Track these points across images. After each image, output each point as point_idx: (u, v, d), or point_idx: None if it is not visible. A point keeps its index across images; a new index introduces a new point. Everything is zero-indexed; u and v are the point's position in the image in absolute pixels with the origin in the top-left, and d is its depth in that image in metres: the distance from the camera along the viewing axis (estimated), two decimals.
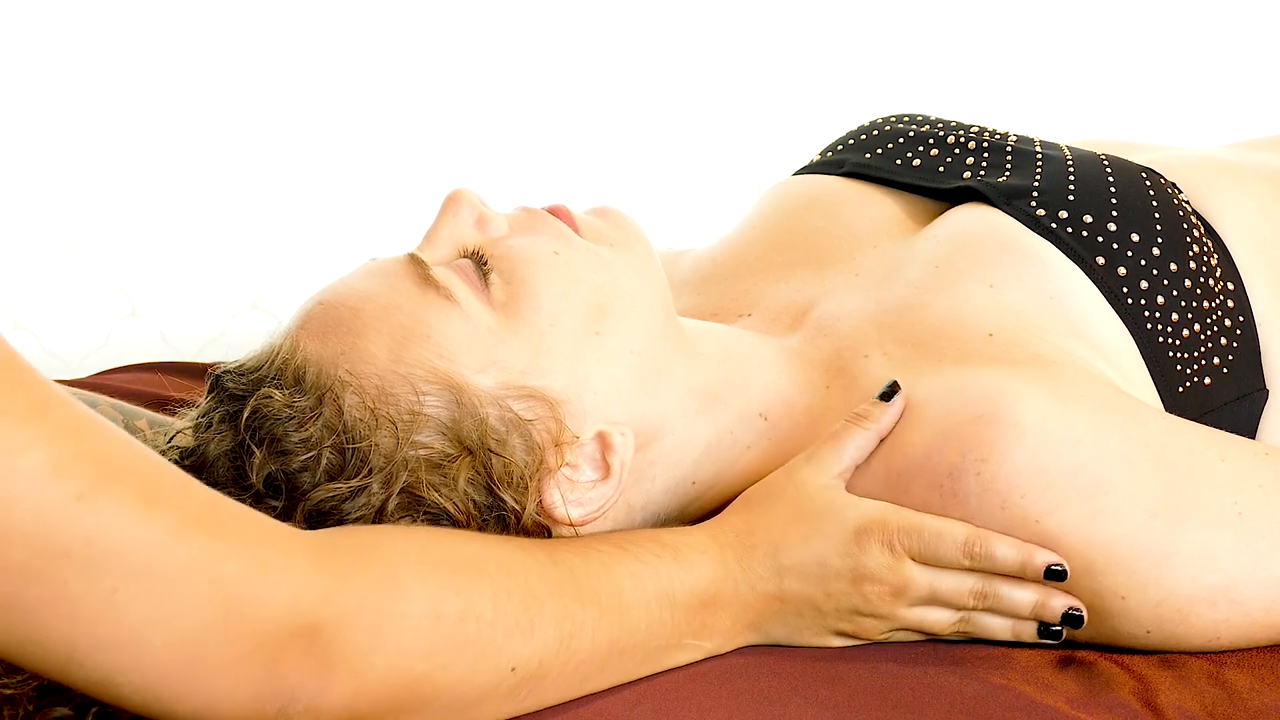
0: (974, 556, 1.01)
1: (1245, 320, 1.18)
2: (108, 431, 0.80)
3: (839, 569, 1.01)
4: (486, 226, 1.06)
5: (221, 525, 0.82)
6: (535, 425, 1.00)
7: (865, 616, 1.02)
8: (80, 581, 0.77)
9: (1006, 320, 1.12)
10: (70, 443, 0.77)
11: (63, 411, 0.78)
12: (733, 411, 1.10)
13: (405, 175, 2.42)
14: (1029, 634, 1.03)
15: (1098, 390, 1.07)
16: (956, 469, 1.02)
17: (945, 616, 1.02)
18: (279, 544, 0.85)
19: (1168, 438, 1.04)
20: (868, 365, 1.11)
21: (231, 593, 0.81)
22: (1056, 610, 1.01)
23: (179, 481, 0.83)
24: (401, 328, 0.99)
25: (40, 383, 0.78)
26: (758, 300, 1.22)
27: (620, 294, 1.05)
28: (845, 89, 2.52)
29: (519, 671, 0.92)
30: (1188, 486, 1.02)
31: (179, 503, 0.81)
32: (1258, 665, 1.02)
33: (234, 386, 1.00)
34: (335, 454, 0.97)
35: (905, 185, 1.28)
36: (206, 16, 2.35)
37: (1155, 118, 2.55)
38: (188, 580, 0.79)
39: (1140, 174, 1.22)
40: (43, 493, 0.75)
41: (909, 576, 1.01)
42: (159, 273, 2.36)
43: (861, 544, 1.01)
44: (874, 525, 1.01)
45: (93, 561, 0.77)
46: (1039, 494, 1.01)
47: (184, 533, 0.80)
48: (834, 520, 1.01)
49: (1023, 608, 1.02)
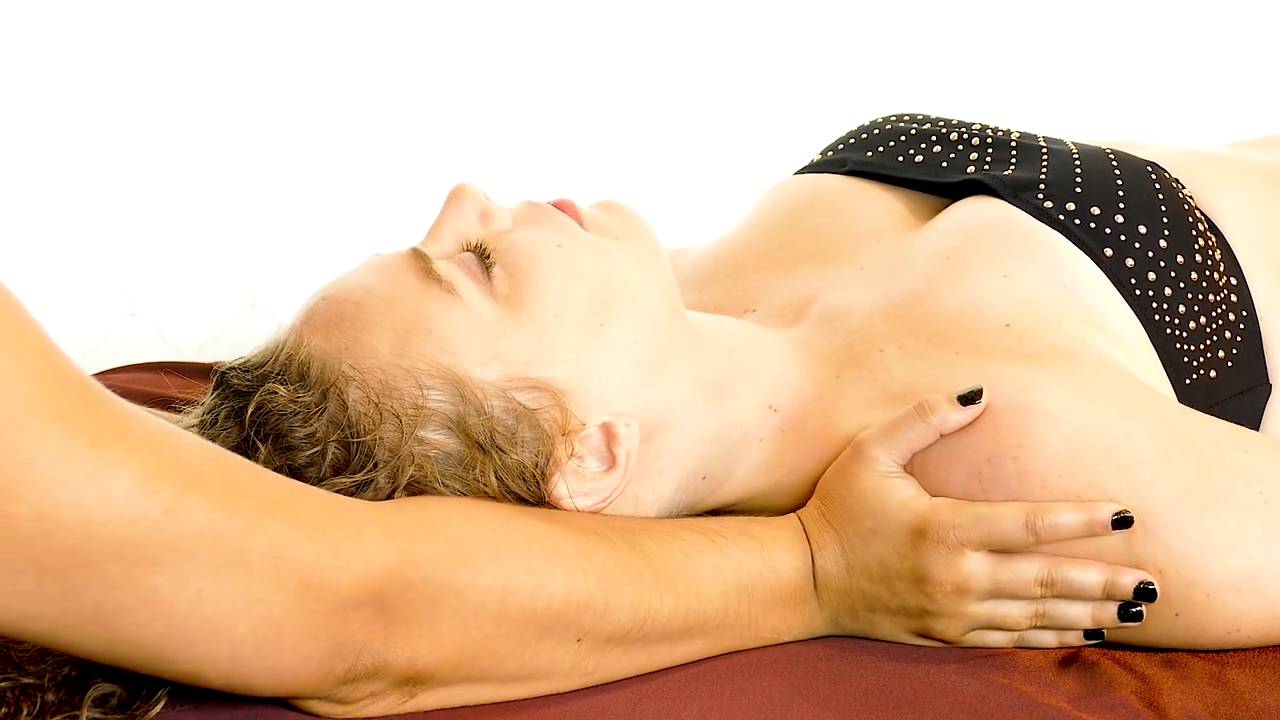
0: (1037, 530, 1.01)
1: (1248, 315, 1.19)
2: (179, 438, 0.83)
3: (899, 570, 1.01)
4: (490, 221, 1.06)
5: (295, 508, 0.86)
6: (541, 415, 1.00)
7: (935, 616, 1.02)
8: (169, 586, 0.81)
9: (1021, 311, 1.12)
10: (152, 457, 0.80)
11: (138, 427, 0.81)
12: (741, 404, 1.10)
13: (404, 175, 2.42)
14: (1110, 618, 1.02)
15: (1118, 382, 1.07)
16: (994, 455, 1.02)
17: (1018, 609, 1.02)
18: (350, 520, 0.88)
19: (1192, 428, 1.05)
20: (883, 358, 1.11)
21: (308, 573, 0.85)
22: (1128, 586, 1.01)
23: (249, 472, 0.86)
24: (404, 322, 1.00)
25: (111, 400, 0.81)
26: (761, 296, 1.22)
27: (625, 286, 1.05)
28: (845, 89, 2.52)
29: (584, 644, 0.95)
30: (1217, 473, 1.02)
31: (254, 493, 0.84)
32: (1260, 665, 1.02)
33: (239, 383, 1.00)
34: (340, 448, 0.97)
35: (908, 181, 1.28)
36: (206, 16, 2.35)
37: (1155, 118, 2.55)
38: (267, 567, 0.83)
39: (1146, 167, 1.22)
40: (134, 510, 0.79)
41: (969, 572, 1.01)
42: (158, 272, 2.36)
43: (917, 545, 1.01)
44: (929, 525, 1.01)
45: (181, 567, 0.80)
46: (1077, 472, 1.01)
47: (260, 522, 0.83)
48: (889, 520, 1.02)
49: (1092, 588, 1.01)
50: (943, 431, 1.04)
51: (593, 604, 0.95)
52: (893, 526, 1.02)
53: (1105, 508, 1.00)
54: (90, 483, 0.77)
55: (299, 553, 0.84)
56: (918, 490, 1.03)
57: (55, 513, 0.77)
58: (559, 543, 0.95)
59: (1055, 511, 1.00)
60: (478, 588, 0.91)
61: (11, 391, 0.76)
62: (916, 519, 1.01)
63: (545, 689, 0.96)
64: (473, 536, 0.92)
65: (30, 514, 0.76)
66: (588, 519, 1.00)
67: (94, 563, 0.78)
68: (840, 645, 1.04)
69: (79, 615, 0.80)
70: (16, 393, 0.76)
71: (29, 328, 0.78)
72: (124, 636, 0.81)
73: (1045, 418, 1.03)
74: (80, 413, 0.78)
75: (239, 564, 0.82)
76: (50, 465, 0.76)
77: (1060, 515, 1.00)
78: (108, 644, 0.81)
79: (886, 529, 1.02)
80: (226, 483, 0.83)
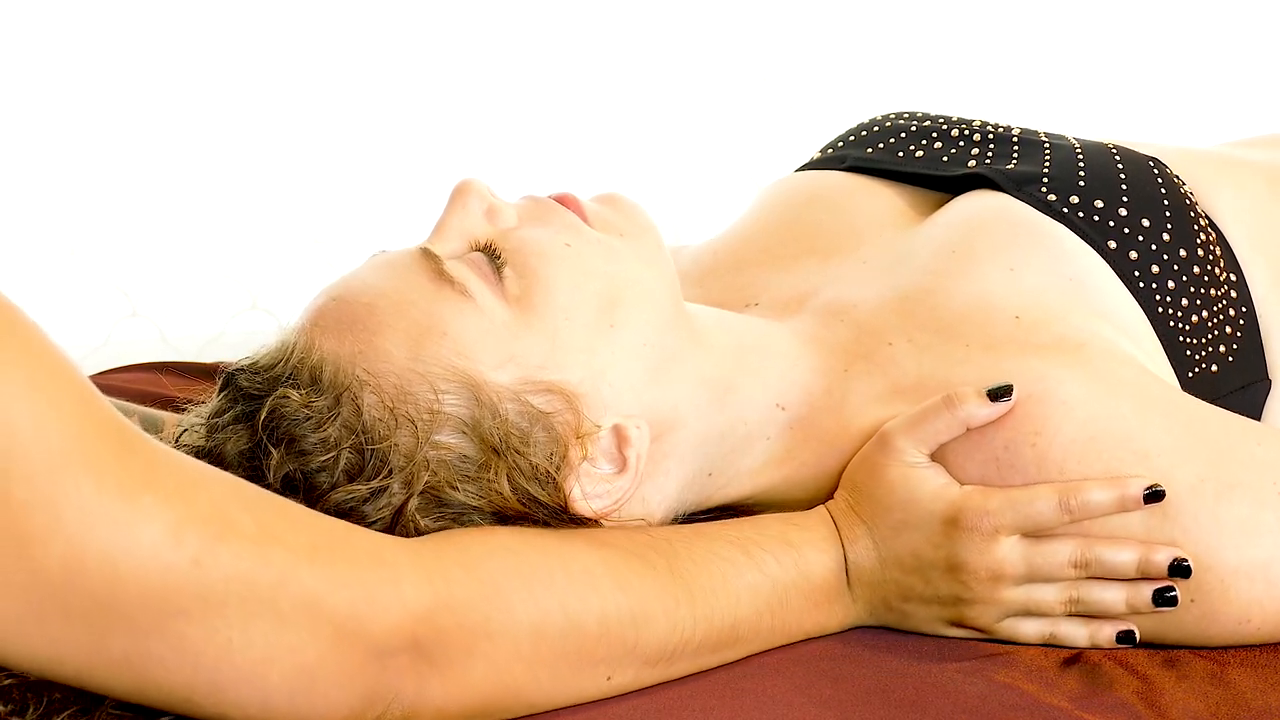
0: (1071, 508, 1.01)
1: (1247, 311, 1.19)
2: (214, 484, 0.84)
3: (933, 560, 1.01)
4: (496, 218, 1.05)
5: (331, 554, 0.86)
6: (554, 418, 1.00)
7: (970, 604, 1.02)
8: (198, 635, 0.81)
9: (1029, 303, 1.12)
10: (182, 506, 0.81)
11: (171, 474, 0.82)
12: (747, 402, 1.10)
13: (406, 174, 2.42)
14: (1144, 601, 1.02)
15: (1130, 373, 1.07)
16: (1011, 442, 1.03)
17: (1052, 593, 1.02)
18: (387, 564, 0.88)
19: (1205, 418, 1.05)
20: (892, 352, 1.11)
21: (343, 620, 0.85)
22: (1162, 562, 1.01)
23: (285, 517, 0.86)
24: (418, 325, 0.99)
25: (145, 446, 0.82)
26: (762, 290, 1.21)
27: (632, 285, 1.05)
28: (846, 88, 2.52)
29: (614, 681, 0.96)
30: (1230, 462, 1.02)
31: (288, 540, 0.84)
32: (1261, 665, 1.02)
33: (249, 385, 0.99)
34: (354, 454, 0.96)
35: (908, 176, 1.28)
36: (206, 16, 2.35)
37: (1154, 117, 2.55)
38: (300, 616, 0.84)
39: (1148, 162, 1.22)
40: (162, 560, 0.79)
41: (1003, 557, 1.01)
42: (159, 273, 2.36)
43: (950, 533, 1.01)
44: (961, 512, 1.01)
45: (209, 617, 0.81)
46: (1094, 459, 1.01)
47: (294, 571, 0.84)
48: (920, 511, 1.02)
49: (1127, 567, 1.01)
50: (969, 426, 1.04)
51: (624, 640, 0.95)
52: (924, 516, 1.02)
53: (1136, 482, 1.00)
54: (119, 532, 0.78)
55: (334, 601, 0.84)
56: (948, 479, 1.03)
57: (83, 561, 0.77)
58: (597, 579, 0.95)
59: (1087, 489, 1.01)
60: (512, 634, 0.91)
61: (46, 441, 0.77)
62: (949, 508, 1.01)
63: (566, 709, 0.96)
64: (509, 576, 0.92)
65: (58, 562, 0.77)
66: (631, 536, 1.00)
67: (121, 611, 0.79)
68: (843, 644, 1.04)
69: (107, 661, 0.80)
70: (51, 442, 0.77)
71: (64, 372, 0.79)
72: (153, 682, 0.82)
73: (1061, 406, 1.03)
74: (112, 461, 0.79)
75: (270, 613, 0.82)
76: (79, 514, 0.77)
77: (1092, 493, 1.01)
78: (137, 688, 0.82)
79: (918, 519, 1.02)
80: (260, 530, 0.83)
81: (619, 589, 0.95)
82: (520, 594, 0.92)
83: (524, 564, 0.93)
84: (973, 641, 1.04)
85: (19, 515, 0.76)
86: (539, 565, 0.94)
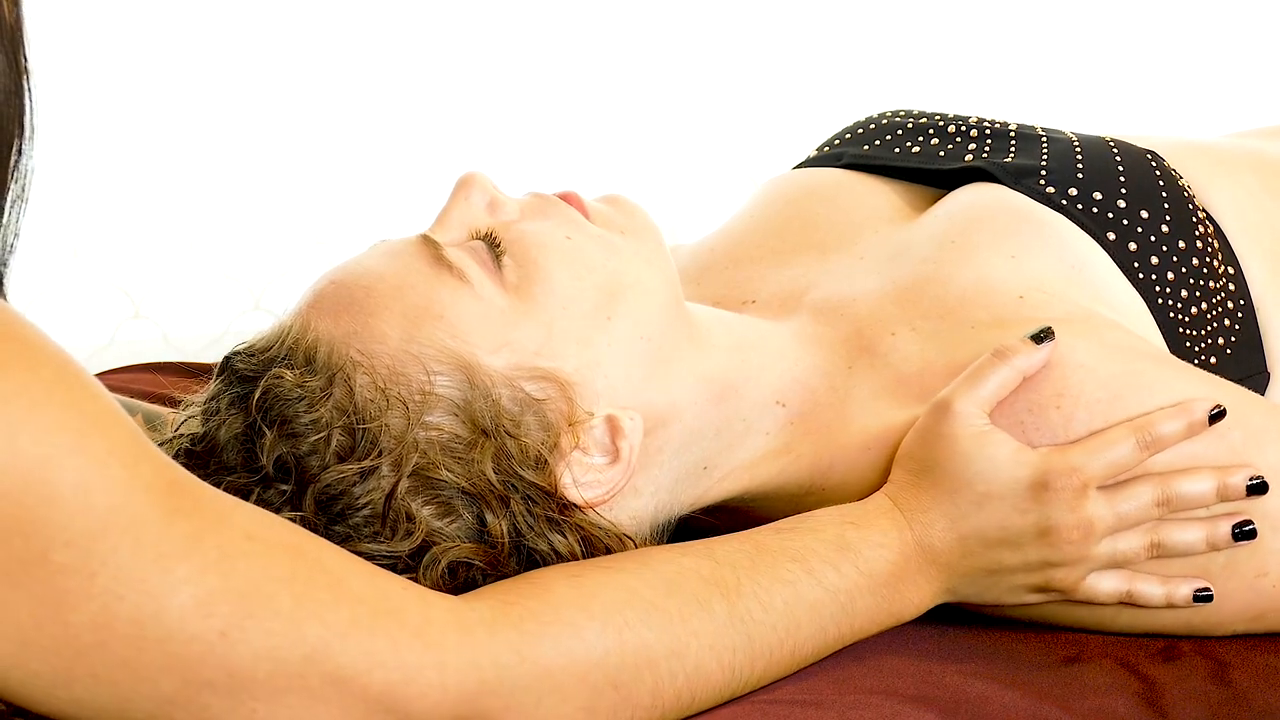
0: (1147, 443, 1.01)
1: (1245, 304, 1.20)
2: (261, 550, 0.82)
3: (1022, 527, 1.00)
4: (498, 210, 1.06)
5: (371, 631, 0.84)
6: (547, 405, 1.00)
7: (1058, 566, 1.01)
8: (222, 706, 0.81)
9: (1032, 285, 1.12)
10: (217, 578, 0.80)
11: (215, 537, 0.81)
12: (747, 401, 1.09)
13: (408, 176, 2.42)
14: (1224, 537, 1.01)
15: (1137, 340, 1.09)
16: (1035, 405, 1.03)
17: (1135, 541, 1.01)
18: (431, 643, 0.86)
19: (1216, 380, 1.07)
20: (895, 341, 1.11)
21: (376, 699, 0.83)
22: (1239, 485, 1.01)
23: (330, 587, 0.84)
24: (414, 307, 0.99)
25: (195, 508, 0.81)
26: (760, 287, 1.21)
27: (631, 281, 1.05)
28: (844, 86, 2.52)
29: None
30: (1251, 412, 1.04)
31: (325, 616, 0.83)
32: (1261, 665, 1.02)
33: (244, 367, 0.99)
34: (345, 435, 0.96)
35: (905, 172, 1.28)
36: (207, 16, 2.35)
37: (1152, 112, 2.56)
38: (331, 692, 0.83)
39: (1145, 155, 1.23)
40: (188, 630, 0.79)
41: (1093, 512, 1.00)
42: (162, 274, 2.36)
43: (1039, 497, 1.00)
44: (1048, 474, 1.00)
45: (235, 690, 0.81)
46: (1123, 412, 1.02)
47: (328, 648, 0.82)
48: (1002, 480, 1.01)
49: (1206, 495, 1.01)
50: (1026, 373, 1.03)
51: (679, 703, 0.93)
52: (1009, 484, 1.00)
53: (1199, 405, 1.01)
54: (150, 599, 0.78)
55: (369, 680, 0.83)
56: (1018, 443, 1.02)
57: (111, 626, 0.78)
58: (653, 649, 0.92)
59: (1157, 421, 1.01)
60: (564, 715, 0.89)
61: (90, 504, 0.77)
62: (1035, 472, 1.00)
63: None
64: (564, 658, 0.89)
65: (88, 625, 0.77)
66: (697, 570, 0.97)
67: (146, 677, 0.79)
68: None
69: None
70: (95, 504, 0.77)
71: (118, 429, 0.79)
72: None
73: (1080, 369, 1.03)
74: (155, 524, 0.79)
75: (299, 689, 0.82)
76: (113, 579, 0.77)
77: (1163, 424, 1.01)
78: None
79: (1001, 489, 1.01)
80: (296, 606, 0.82)
81: (675, 656, 0.92)
82: (575, 680, 0.89)
83: (580, 643, 0.90)
84: (973, 640, 1.04)
85: (55, 577, 0.76)
86: (595, 645, 0.90)
